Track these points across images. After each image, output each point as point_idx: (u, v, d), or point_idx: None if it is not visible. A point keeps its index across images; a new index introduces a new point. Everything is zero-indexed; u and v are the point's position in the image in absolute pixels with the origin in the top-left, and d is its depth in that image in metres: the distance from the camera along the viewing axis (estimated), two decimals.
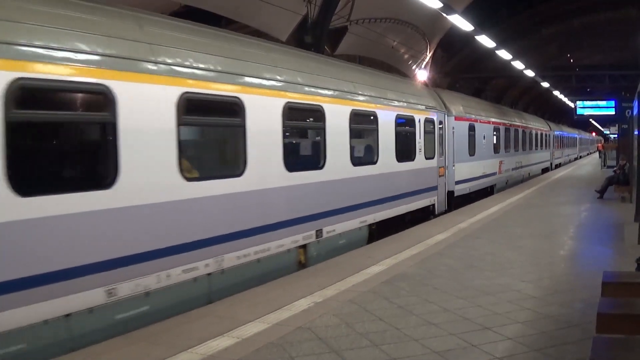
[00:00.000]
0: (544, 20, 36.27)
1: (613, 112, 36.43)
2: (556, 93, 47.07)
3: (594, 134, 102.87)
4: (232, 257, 8.32)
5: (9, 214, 5.58)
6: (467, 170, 19.26)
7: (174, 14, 20.04)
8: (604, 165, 38.22)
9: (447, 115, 17.72)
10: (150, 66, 7.14)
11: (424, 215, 15.72)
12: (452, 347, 5.73)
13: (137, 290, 6.87)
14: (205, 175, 8.10)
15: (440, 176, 16.89)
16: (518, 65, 28.38)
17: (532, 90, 55.86)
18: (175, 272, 7.36)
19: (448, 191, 17.66)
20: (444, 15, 17.09)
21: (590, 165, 46.50)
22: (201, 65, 7.86)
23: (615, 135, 46.37)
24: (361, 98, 12.17)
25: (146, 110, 7.04)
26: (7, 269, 5.58)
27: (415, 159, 14.98)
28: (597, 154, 64.88)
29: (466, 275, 8.77)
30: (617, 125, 36.12)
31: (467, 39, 27.17)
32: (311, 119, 10.85)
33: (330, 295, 7.65)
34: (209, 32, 8.76)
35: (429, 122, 15.88)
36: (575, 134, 65.80)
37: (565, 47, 42.89)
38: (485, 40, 20.84)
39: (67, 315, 6.12)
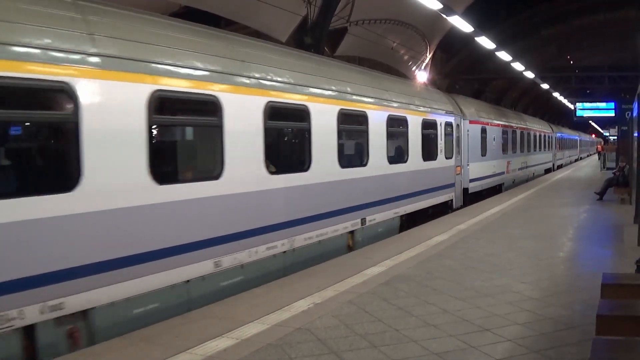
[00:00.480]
0: (543, 21, 36.26)
1: (613, 114, 36.47)
2: (556, 94, 47.08)
3: (593, 135, 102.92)
4: (301, 238, 10.00)
5: (151, 199, 7.02)
6: (479, 170, 20.97)
7: (173, 14, 20.04)
8: (604, 167, 38.23)
9: (463, 119, 19.45)
10: (245, 80, 8.69)
11: (444, 209, 17.22)
12: (451, 348, 5.73)
13: (235, 263, 8.41)
14: (282, 170, 9.56)
15: (457, 174, 18.54)
16: (518, 66, 28.37)
17: (532, 92, 55.86)
18: (261, 249, 8.97)
19: (463, 188, 19.28)
20: (444, 16, 17.08)
21: (589, 167, 46.54)
22: (279, 79, 9.55)
23: (615, 137, 46.44)
24: (395, 105, 13.94)
25: (242, 115, 8.57)
26: (147, 241, 6.98)
27: (437, 159, 16.67)
28: (596, 156, 65.01)
29: (465, 276, 8.77)
30: (616, 127, 36.13)
31: (466, 40, 27.17)
32: (358, 123, 12.34)
33: (329, 296, 7.65)
34: (283, 51, 10.79)
35: (448, 125, 17.62)
36: (576, 136, 67.09)
37: (565, 48, 42.87)
38: (485, 42, 20.84)
39: (187, 281, 7.59)
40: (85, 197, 6.24)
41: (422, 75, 26.86)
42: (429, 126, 15.95)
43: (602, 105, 37.99)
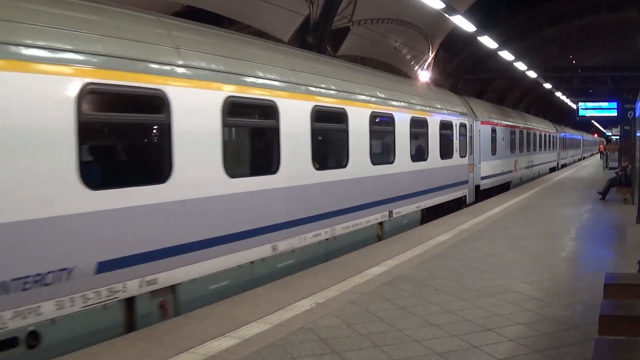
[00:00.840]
0: (544, 21, 36.23)
1: (615, 114, 36.38)
2: (558, 94, 47.04)
3: (595, 135, 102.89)
4: (340, 227, 11.18)
5: (224, 190, 8.13)
6: (490, 168, 22.39)
7: (175, 14, 20.04)
8: (606, 167, 38.20)
9: (475, 120, 20.82)
10: (295, 86, 9.85)
11: (459, 204, 18.52)
12: (453, 348, 5.73)
13: (288, 247, 9.52)
14: (325, 166, 10.90)
15: (470, 172, 19.79)
16: (520, 66, 28.35)
17: (534, 92, 55.81)
18: (308, 236, 10.12)
19: (475, 185, 20.61)
20: (447, 16, 17.08)
21: (591, 166, 46.52)
22: (323, 85, 10.72)
23: (617, 137, 46.40)
24: (417, 107, 15.27)
25: (294, 118, 9.73)
26: (221, 227, 8.08)
27: (453, 157, 17.94)
28: (598, 155, 65.07)
29: (467, 276, 8.77)
30: (619, 126, 36.07)
31: (469, 40, 27.18)
32: (386, 124, 13.52)
33: (331, 296, 7.65)
34: (325, 60, 12.24)
35: (462, 126, 18.91)
36: (579, 135, 68.17)
37: (567, 48, 42.85)
38: (487, 41, 20.84)
39: (251, 262, 8.64)
40: (175, 188, 7.31)
41: (424, 75, 26.84)
42: (445, 127, 17.12)
43: (605, 105, 37.90)
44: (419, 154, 15.26)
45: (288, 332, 6.23)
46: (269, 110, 9.23)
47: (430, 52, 28.98)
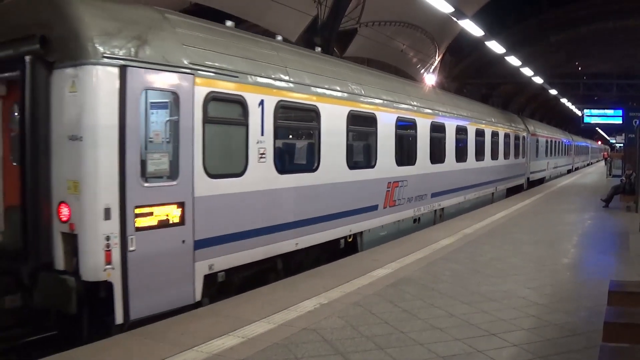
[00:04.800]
0: (552, 27, 36.17)
1: (620, 121, 36.31)
2: (564, 101, 46.96)
3: (599, 142, 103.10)
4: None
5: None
6: (534, 166, 30.42)
7: (184, 11, 20.06)
8: (610, 174, 38.14)
9: (527, 133, 28.64)
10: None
11: (519, 190, 26.22)
12: (457, 352, 5.75)
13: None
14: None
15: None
16: (527, 71, 28.33)
17: (539, 98, 55.74)
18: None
19: (526, 177, 28.49)
20: (455, 19, 17.09)
21: (595, 173, 46.47)
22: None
23: (621, 145, 46.28)
24: (499, 125, 22.83)
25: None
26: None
27: (518, 158, 26.05)
28: (603, 162, 65.57)
29: (471, 280, 8.79)
30: (623, 134, 35.98)
31: (475, 44, 27.18)
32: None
33: (335, 297, 7.67)
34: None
35: (522, 137, 27.14)
36: (588, 143, 76.60)
37: (574, 55, 42.75)
38: (494, 46, 20.83)
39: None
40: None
41: (430, 78, 26.83)
42: (509, 136, 24.26)
43: (610, 112, 37.79)
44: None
45: (292, 332, 6.25)
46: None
47: (437, 55, 28.99)
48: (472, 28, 17.46)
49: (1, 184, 7.60)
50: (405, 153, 13.70)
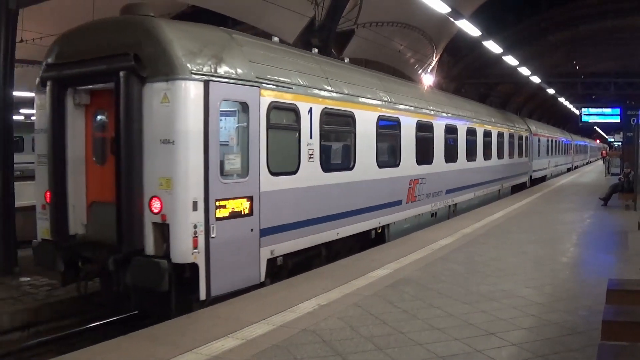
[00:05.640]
0: (550, 27, 36.14)
1: (618, 120, 36.32)
2: (561, 100, 46.98)
3: (597, 141, 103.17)
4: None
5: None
6: (536, 165, 31.82)
7: (181, 14, 20.08)
8: (608, 173, 38.17)
9: (530, 133, 29.99)
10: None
11: (522, 187, 27.61)
12: (456, 352, 5.75)
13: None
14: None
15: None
16: (524, 71, 28.34)
17: (537, 97, 55.74)
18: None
19: (529, 176, 29.89)
20: (452, 20, 17.08)
21: (594, 172, 46.48)
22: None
23: (619, 143, 46.36)
24: (504, 127, 24.04)
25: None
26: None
27: (522, 157, 27.30)
28: (601, 161, 65.67)
29: (470, 280, 8.79)
30: (621, 132, 36.04)
31: (473, 44, 27.16)
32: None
33: (335, 298, 7.67)
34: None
35: (525, 137, 28.17)
36: (587, 142, 77.19)
37: (572, 54, 42.70)
38: (492, 46, 20.82)
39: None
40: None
41: (428, 79, 26.83)
42: (514, 137, 25.58)
43: (608, 111, 37.78)
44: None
45: (291, 334, 6.25)
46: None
47: (435, 55, 28.99)
48: (469, 28, 17.45)
49: (85, 183, 8.61)
50: (423, 153, 14.78)
